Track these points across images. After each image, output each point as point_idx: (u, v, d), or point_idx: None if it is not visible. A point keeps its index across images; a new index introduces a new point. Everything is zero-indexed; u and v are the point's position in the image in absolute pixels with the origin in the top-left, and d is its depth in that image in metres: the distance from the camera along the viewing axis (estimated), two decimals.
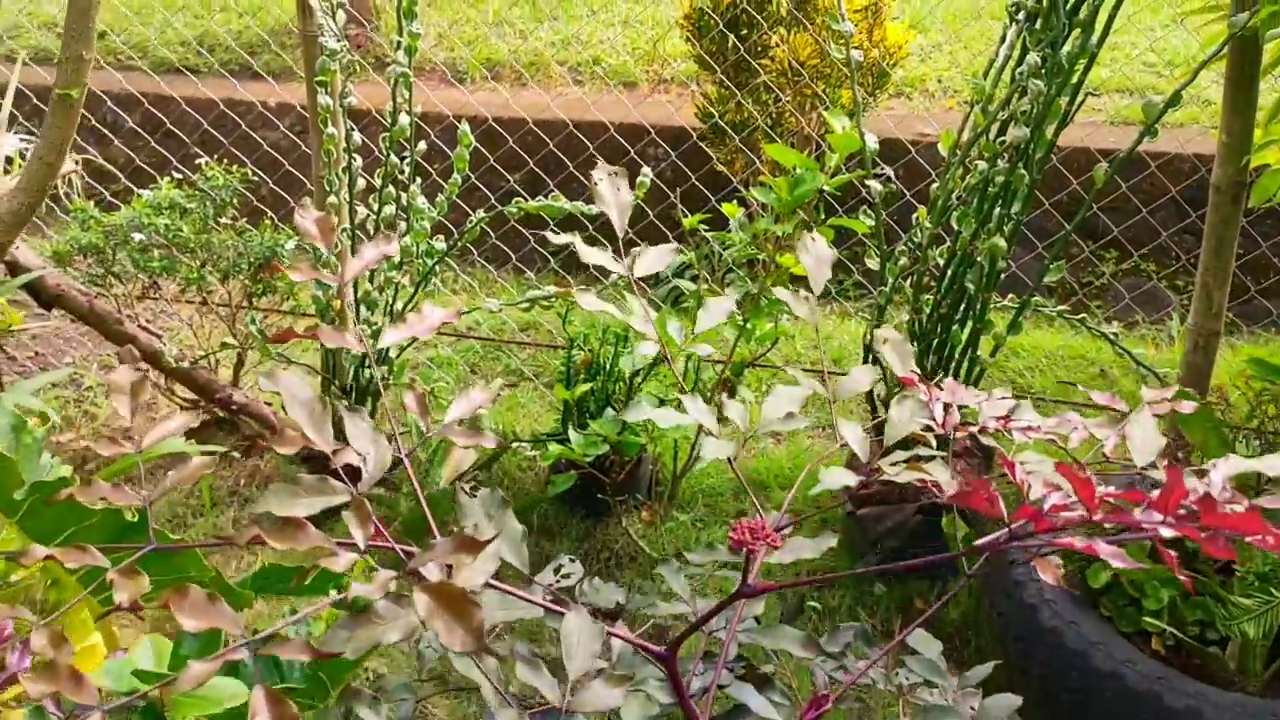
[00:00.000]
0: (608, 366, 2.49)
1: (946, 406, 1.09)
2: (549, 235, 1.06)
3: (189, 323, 3.02)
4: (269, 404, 3.00)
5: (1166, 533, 0.78)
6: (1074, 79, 2.08)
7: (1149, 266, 4.03)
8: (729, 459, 1.04)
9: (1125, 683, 1.85)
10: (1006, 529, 0.85)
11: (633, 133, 4.14)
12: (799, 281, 2.62)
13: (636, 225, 3.58)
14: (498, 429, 2.75)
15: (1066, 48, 2.06)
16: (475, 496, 1.04)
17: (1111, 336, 2.46)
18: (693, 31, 3.67)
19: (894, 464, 1.00)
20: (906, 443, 1.14)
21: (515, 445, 2.66)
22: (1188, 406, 1.10)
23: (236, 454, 2.93)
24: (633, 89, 4.79)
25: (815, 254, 1.08)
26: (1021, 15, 2.05)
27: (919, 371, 1.45)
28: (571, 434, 2.31)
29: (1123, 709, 1.84)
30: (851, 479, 1.04)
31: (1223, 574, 1.98)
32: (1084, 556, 2.02)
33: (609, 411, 2.35)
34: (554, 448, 2.31)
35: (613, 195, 0.99)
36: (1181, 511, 0.78)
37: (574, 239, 1.01)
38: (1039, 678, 1.98)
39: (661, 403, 2.67)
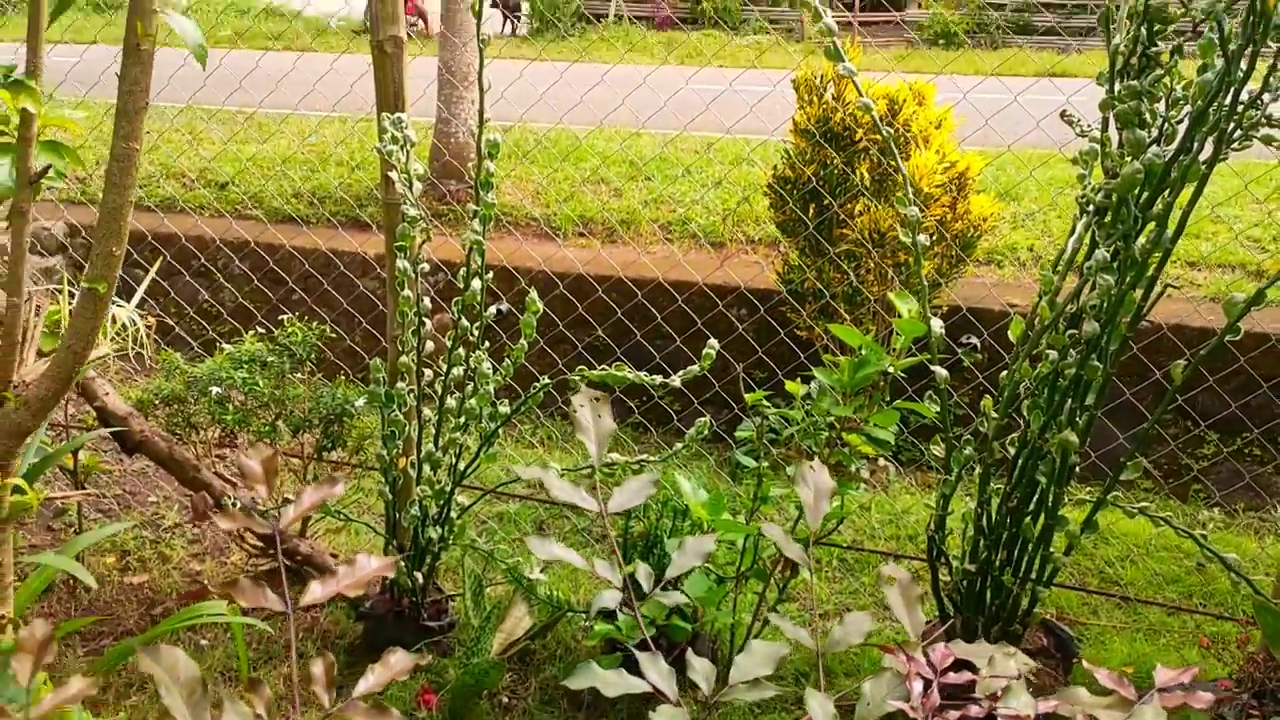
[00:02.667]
0: (664, 541, 2.43)
1: (927, 683, 1.01)
2: (518, 470, 1.03)
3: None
4: (335, 555, 3.02)
5: None
6: (1149, 272, 2.00)
7: (1255, 451, 3.81)
8: None
9: None
10: None
11: (716, 291, 4.17)
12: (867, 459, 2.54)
13: (706, 392, 3.55)
14: (553, 596, 2.69)
15: (1140, 240, 1.99)
16: None
17: (1200, 537, 2.29)
18: (776, 198, 3.71)
19: None
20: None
21: (570, 614, 2.59)
22: (1202, 699, 0.99)
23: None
24: (720, 248, 4.85)
25: (814, 486, 1.03)
26: (1091, 208, 2.00)
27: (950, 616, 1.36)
28: (619, 614, 2.24)
29: None
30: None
31: None
32: None
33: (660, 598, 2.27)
34: (599, 627, 2.24)
35: (592, 422, 0.97)
36: None
37: (545, 473, 0.98)
38: None
39: (719, 580, 2.59)
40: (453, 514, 2.74)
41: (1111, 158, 1.91)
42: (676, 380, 2.57)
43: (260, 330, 3.10)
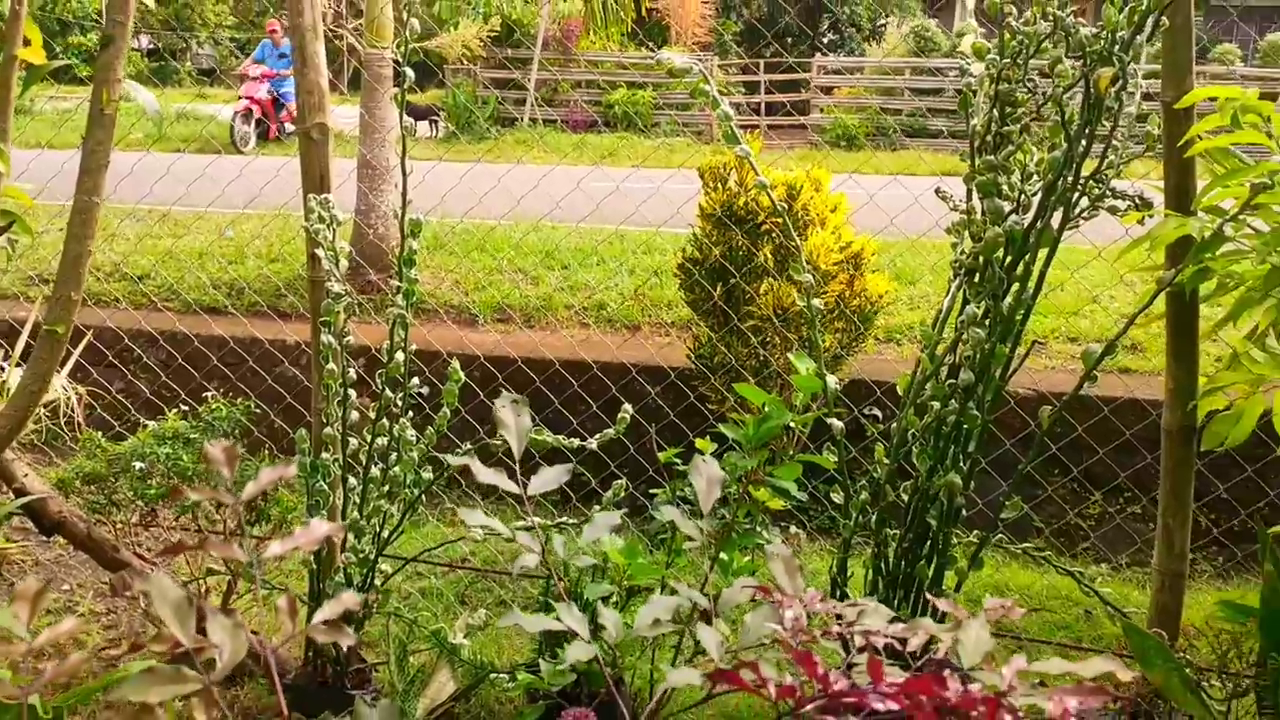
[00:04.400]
0: (584, 592, 2.53)
1: (796, 618, 1.15)
2: (474, 467, 1.16)
3: (187, 551, 3.10)
4: (256, 632, 3.04)
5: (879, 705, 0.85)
6: (1015, 328, 2.22)
7: (1136, 510, 4.07)
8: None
9: None
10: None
11: (633, 368, 4.34)
12: (774, 514, 2.69)
13: (620, 457, 3.69)
14: (476, 659, 2.76)
15: (1007, 299, 2.22)
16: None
17: (1078, 574, 2.49)
18: (685, 278, 3.92)
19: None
20: None
21: (493, 676, 2.66)
22: (1017, 613, 1.16)
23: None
24: (635, 330, 5.04)
25: (706, 475, 1.17)
26: (962, 270, 2.23)
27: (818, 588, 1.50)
28: (541, 663, 2.33)
29: None
30: (696, 677, 1.10)
31: None
32: None
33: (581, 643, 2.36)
34: (523, 677, 2.32)
35: (512, 421, 1.10)
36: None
37: (472, 460, 1.11)
38: None
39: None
40: (377, 582, 2.80)
41: (977, 225, 2.14)
42: (593, 443, 2.71)
43: (183, 409, 3.15)
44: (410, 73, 2.66)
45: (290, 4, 2.91)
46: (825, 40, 21.57)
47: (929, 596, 2.13)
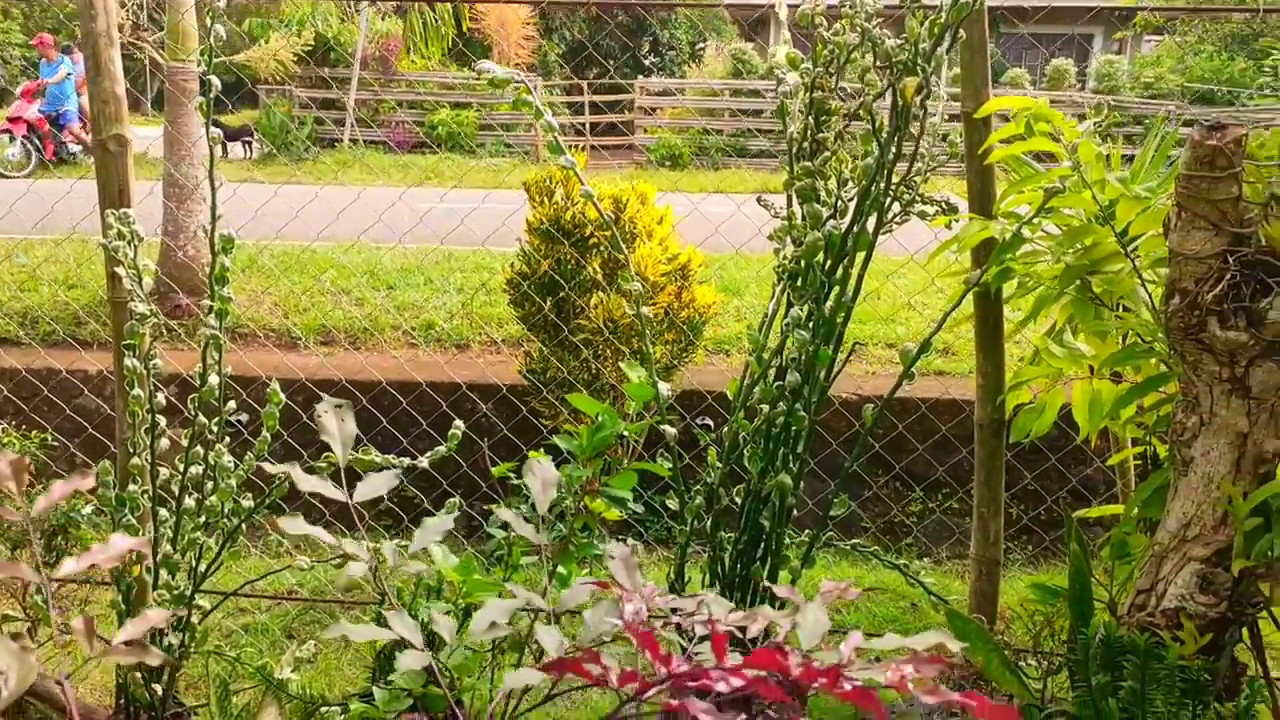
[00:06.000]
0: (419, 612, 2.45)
1: (636, 611, 1.15)
2: (295, 475, 1.10)
3: None
4: (59, 683, 2.80)
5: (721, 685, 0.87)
6: (837, 329, 2.28)
7: (954, 505, 4.27)
8: None
9: None
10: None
11: (466, 388, 4.26)
12: (609, 525, 2.67)
13: (452, 475, 3.61)
14: (306, 693, 2.62)
15: (830, 302, 2.28)
16: None
17: (901, 567, 2.58)
18: (514, 294, 3.88)
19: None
20: None
21: (324, 709, 2.53)
22: (852, 593, 1.19)
23: None
24: (465, 349, 4.96)
25: (541, 477, 1.15)
26: (785, 274, 2.28)
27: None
28: (375, 691, 2.23)
29: None
30: (536, 677, 1.07)
31: None
32: None
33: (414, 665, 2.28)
34: (356, 707, 2.22)
35: (336, 427, 1.05)
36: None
37: (293, 468, 1.05)
38: None
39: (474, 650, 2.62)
40: (194, 619, 2.63)
41: (797, 229, 2.19)
42: (424, 461, 2.63)
43: None
44: (216, 81, 2.54)
45: (82, 10, 2.73)
46: (647, 62, 21.97)
47: (767, 585, 2.16)
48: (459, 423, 2.67)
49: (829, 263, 2.27)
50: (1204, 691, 1.94)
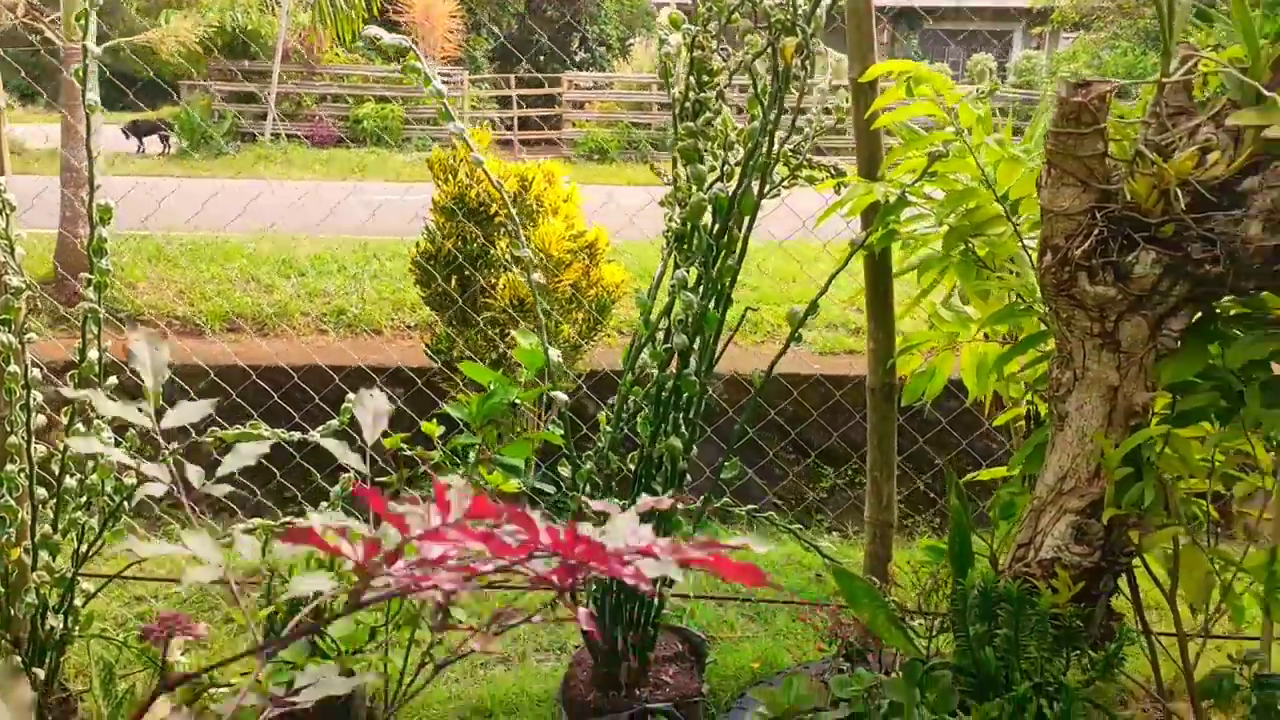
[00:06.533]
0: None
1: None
2: (96, 399, 1.06)
3: None
4: None
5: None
6: (726, 291, 2.29)
7: (861, 479, 4.32)
8: None
9: None
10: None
11: (373, 371, 4.20)
12: (505, 497, 2.66)
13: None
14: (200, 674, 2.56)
15: (718, 265, 2.29)
16: None
17: (796, 531, 2.60)
18: (420, 275, 3.83)
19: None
20: None
21: (211, 691, 2.47)
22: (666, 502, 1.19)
23: None
24: (378, 334, 4.90)
25: (371, 408, 1.13)
26: (672, 237, 2.28)
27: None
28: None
29: None
30: (326, 584, 1.02)
31: None
32: None
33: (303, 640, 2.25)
34: (237, 681, 2.17)
35: (148, 357, 1.02)
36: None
37: (96, 394, 1.02)
38: None
39: (372, 634, 2.58)
40: (77, 602, 2.55)
41: (682, 191, 2.19)
42: (315, 435, 2.59)
43: None
44: (94, 46, 2.47)
45: None
46: (577, 58, 21.91)
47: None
48: (351, 396, 2.63)
49: (717, 226, 2.27)
50: (1077, 638, 1.98)
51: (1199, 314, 2.07)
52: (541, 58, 20.95)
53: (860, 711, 2.12)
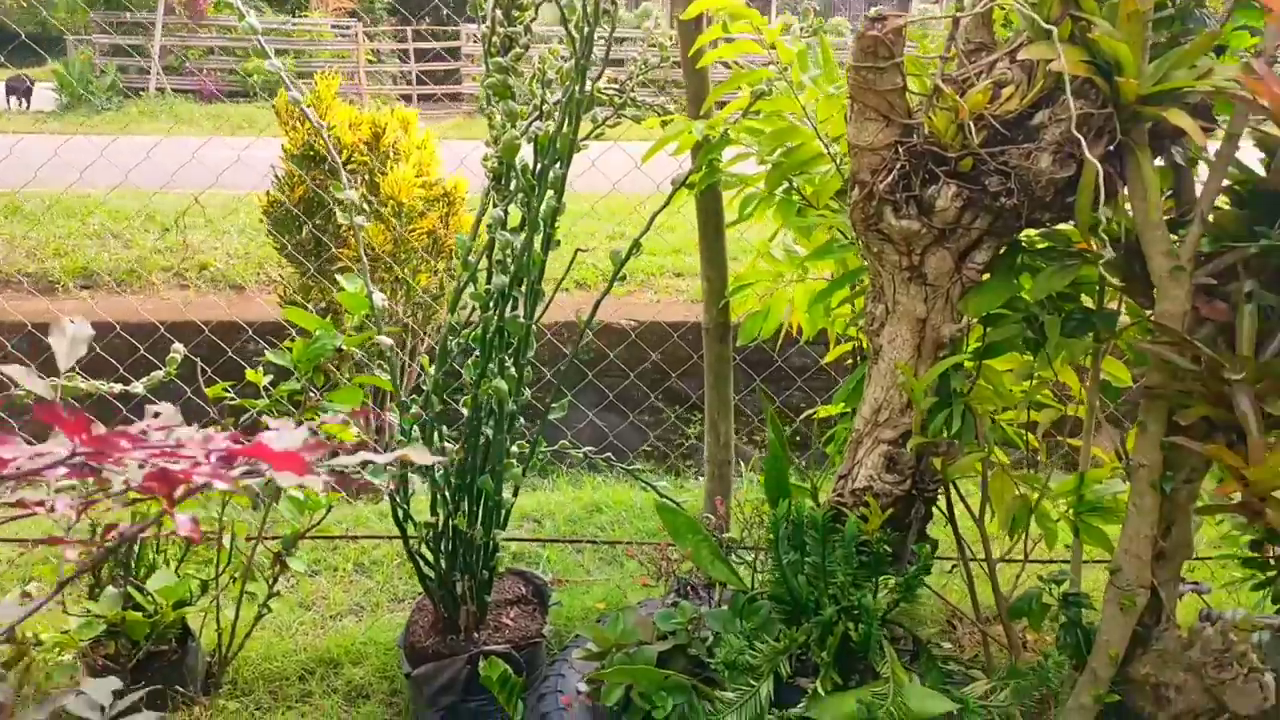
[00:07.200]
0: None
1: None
2: None
3: None
4: None
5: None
6: (548, 233, 2.27)
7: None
8: None
9: None
10: None
11: (233, 329, 4.10)
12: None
13: (180, 399, 3.47)
14: (20, 636, 2.49)
15: (543, 206, 2.27)
16: None
17: (635, 472, 2.62)
18: (272, 225, 3.74)
19: None
20: None
21: (34, 651, 2.41)
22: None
23: None
24: (241, 290, 4.77)
25: (69, 334, 1.09)
26: (491, 177, 2.25)
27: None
28: (72, 620, 2.13)
29: None
30: None
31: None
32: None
33: (110, 590, 2.20)
34: (48, 637, 2.12)
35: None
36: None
37: None
38: None
39: (205, 587, 2.54)
40: None
41: (496, 128, 2.16)
42: (139, 386, 2.52)
43: None
44: None
45: None
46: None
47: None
48: (178, 346, 2.57)
49: (539, 165, 2.25)
50: (883, 565, 2.04)
51: (1004, 248, 2.12)
52: (445, 11, 20.49)
53: (683, 643, 2.15)
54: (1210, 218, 1.95)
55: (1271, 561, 2.50)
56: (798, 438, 4.20)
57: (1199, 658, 2.08)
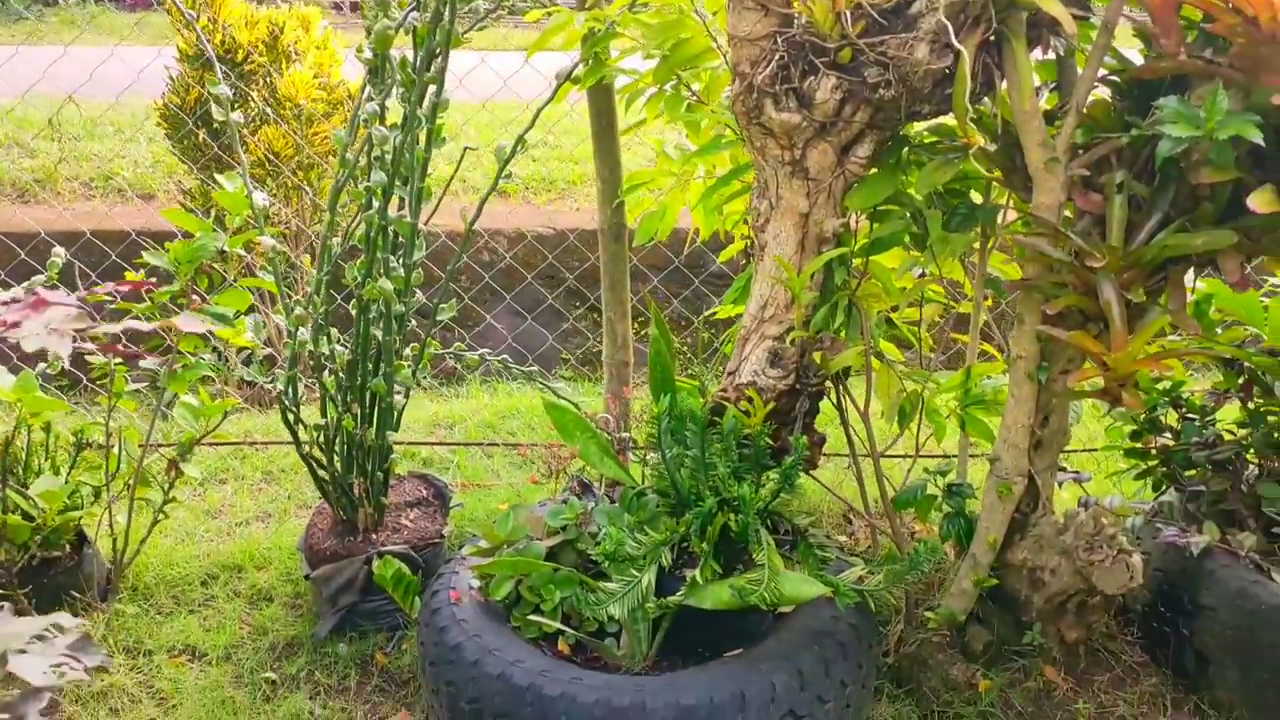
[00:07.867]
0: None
1: None
2: None
3: None
4: None
5: None
6: (433, 129, 2.23)
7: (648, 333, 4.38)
8: None
9: (511, 681, 1.90)
10: None
11: (123, 238, 3.99)
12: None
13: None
14: None
15: (425, 102, 2.21)
16: None
17: (533, 375, 2.62)
18: (170, 129, 3.62)
19: None
20: None
21: None
22: None
23: None
24: (151, 199, 4.64)
25: None
26: (367, 70, 2.19)
27: None
28: None
29: (510, 706, 1.89)
30: None
31: None
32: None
33: None
34: None
35: None
36: None
37: None
38: (446, 694, 2.00)
39: (97, 494, 2.52)
40: None
41: (369, 20, 2.10)
42: (20, 291, 2.46)
43: None
44: None
45: None
46: None
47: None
48: (59, 250, 2.50)
49: (419, 59, 2.19)
50: (765, 458, 2.06)
51: (888, 142, 2.11)
52: None
53: (572, 538, 2.18)
54: (1085, 109, 1.96)
55: (1153, 452, 2.59)
56: (704, 340, 4.23)
57: (1072, 541, 2.15)
